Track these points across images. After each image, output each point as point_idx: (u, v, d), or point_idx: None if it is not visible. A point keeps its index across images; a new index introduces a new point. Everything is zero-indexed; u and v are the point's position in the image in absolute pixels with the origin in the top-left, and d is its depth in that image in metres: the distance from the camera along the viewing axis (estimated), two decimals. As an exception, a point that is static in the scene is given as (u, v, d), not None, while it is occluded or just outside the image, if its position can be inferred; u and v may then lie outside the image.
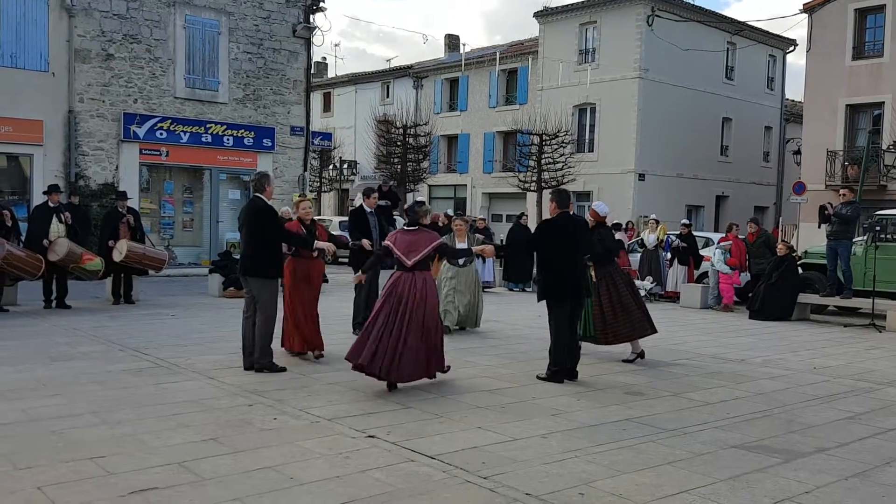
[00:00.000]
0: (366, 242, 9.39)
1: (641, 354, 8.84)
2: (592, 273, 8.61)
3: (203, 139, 19.68)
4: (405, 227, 7.30)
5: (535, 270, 9.21)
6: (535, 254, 8.02)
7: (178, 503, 4.11)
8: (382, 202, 11.31)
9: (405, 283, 6.97)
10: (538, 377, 7.60)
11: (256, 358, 7.57)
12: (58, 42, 17.81)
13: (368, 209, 10.18)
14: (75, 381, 6.90)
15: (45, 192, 12.55)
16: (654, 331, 8.93)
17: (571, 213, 7.92)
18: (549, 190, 8.20)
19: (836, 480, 4.84)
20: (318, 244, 8.06)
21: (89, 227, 13.93)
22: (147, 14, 18.85)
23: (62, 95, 17.92)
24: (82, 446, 5.01)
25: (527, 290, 17.57)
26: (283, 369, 7.57)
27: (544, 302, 7.69)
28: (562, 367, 7.52)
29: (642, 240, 17.84)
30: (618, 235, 17.76)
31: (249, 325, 7.64)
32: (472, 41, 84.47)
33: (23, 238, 12.23)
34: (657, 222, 17.80)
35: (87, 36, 18.08)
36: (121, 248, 12.37)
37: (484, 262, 17.17)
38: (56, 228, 11.94)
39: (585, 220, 8.43)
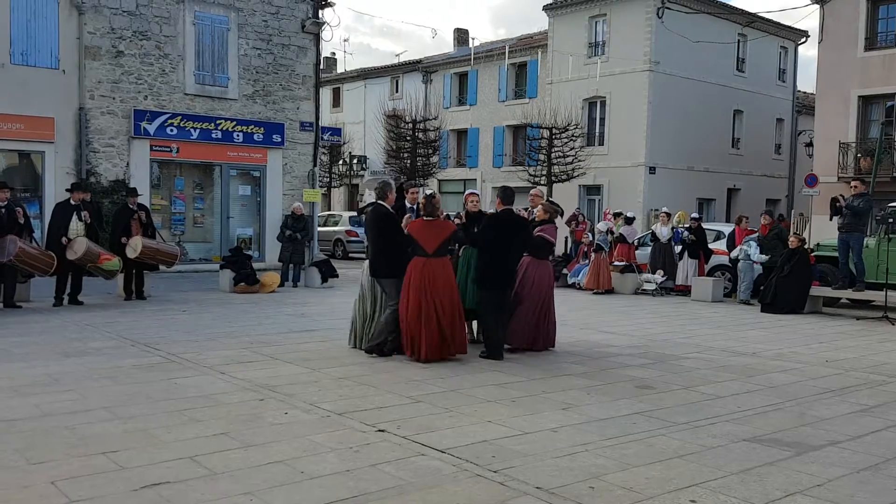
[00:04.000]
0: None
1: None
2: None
3: (213, 135, 19.72)
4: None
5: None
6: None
7: (190, 497, 4.13)
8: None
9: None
10: (481, 355, 8.24)
11: (372, 339, 8.24)
12: (68, 39, 17.87)
13: (409, 205, 9.84)
14: (87, 377, 6.95)
15: (67, 190, 12.61)
16: None
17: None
18: (500, 188, 8.84)
19: (848, 473, 4.82)
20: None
21: (101, 223, 14.00)
22: (156, 10, 18.89)
23: (73, 92, 17.99)
24: (95, 441, 5.04)
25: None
26: (389, 354, 8.11)
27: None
28: (500, 346, 8.29)
29: (653, 233, 17.76)
30: (622, 229, 17.70)
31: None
32: (477, 34, 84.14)
33: (35, 234, 12.29)
34: (668, 215, 17.72)
35: (97, 33, 18.13)
36: (135, 245, 12.44)
37: None
38: (76, 227, 12.01)
39: (523, 217, 8.82)
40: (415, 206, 9.89)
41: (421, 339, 7.77)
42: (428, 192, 8.24)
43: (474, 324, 9.64)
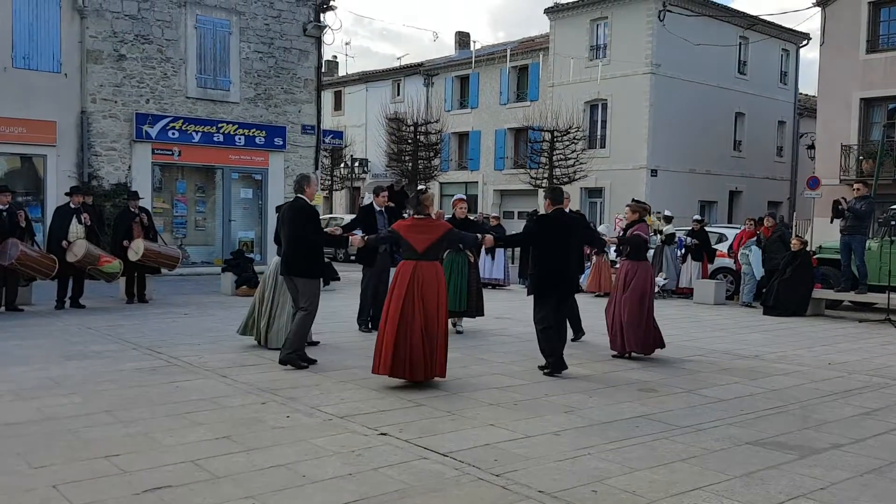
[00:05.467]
0: (355, 238, 8.61)
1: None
2: (469, 254, 10.05)
3: (215, 139, 19.74)
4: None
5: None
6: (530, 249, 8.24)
7: (192, 501, 4.13)
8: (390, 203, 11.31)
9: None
10: (540, 367, 7.80)
11: (285, 350, 7.69)
12: (70, 43, 17.90)
13: (378, 207, 10.27)
14: (89, 380, 6.94)
15: (66, 194, 12.62)
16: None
17: (567, 209, 8.13)
18: (547, 188, 8.46)
19: (851, 477, 4.81)
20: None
21: (102, 226, 14.01)
22: (158, 14, 18.91)
23: (75, 96, 18.01)
24: (97, 445, 5.03)
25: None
26: (306, 366, 7.66)
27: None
28: (559, 356, 7.69)
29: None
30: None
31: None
32: (476, 37, 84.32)
33: (37, 238, 12.30)
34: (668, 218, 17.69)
35: (98, 37, 18.16)
36: (136, 248, 12.44)
37: (493, 258, 17.19)
38: (75, 230, 12.02)
39: (580, 216, 8.61)
40: (383, 209, 10.14)
41: (397, 354, 6.74)
42: (420, 188, 7.97)
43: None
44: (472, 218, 11.05)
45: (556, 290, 7.72)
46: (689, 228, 16.98)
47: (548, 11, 32.23)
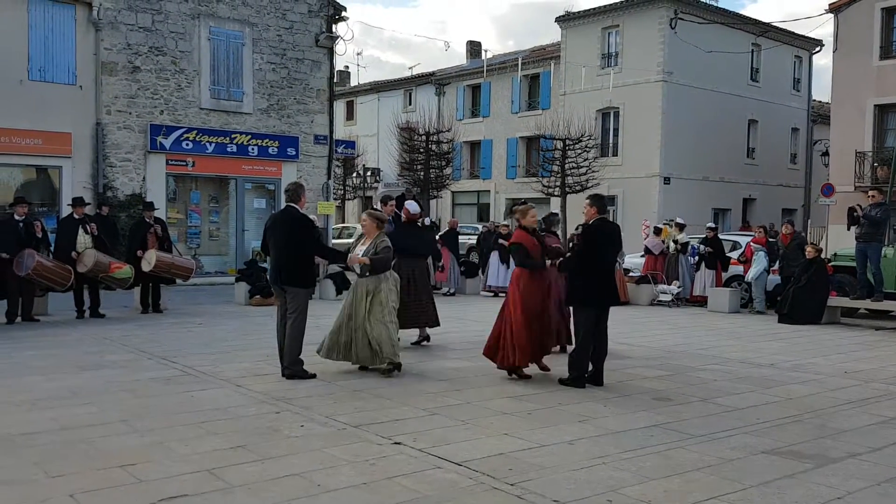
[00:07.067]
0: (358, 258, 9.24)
1: (427, 338, 9.86)
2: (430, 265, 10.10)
3: (228, 149, 19.88)
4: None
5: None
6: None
7: (207, 510, 4.14)
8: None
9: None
10: (560, 381, 7.61)
11: (287, 365, 7.64)
12: (85, 55, 18.09)
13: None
14: (105, 390, 6.98)
15: (70, 205, 12.74)
16: (437, 324, 9.75)
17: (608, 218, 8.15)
18: (589, 194, 8.39)
19: (869, 486, 4.76)
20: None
21: (117, 237, 14.10)
22: (172, 26, 19.09)
23: (90, 108, 18.19)
24: (113, 454, 5.06)
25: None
26: (313, 375, 7.62)
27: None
28: (583, 373, 7.53)
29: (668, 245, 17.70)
30: (647, 241, 17.65)
31: (284, 332, 7.72)
32: (485, 46, 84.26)
33: (52, 248, 12.41)
34: (658, 230, 17.78)
35: (113, 49, 18.35)
36: (149, 259, 12.51)
37: (508, 266, 17.17)
38: (83, 240, 12.10)
39: (618, 225, 8.51)
40: (391, 217, 10.21)
41: (533, 345, 7.72)
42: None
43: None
44: (422, 223, 11.30)
45: (598, 300, 7.56)
46: (703, 236, 16.91)
47: (559, 20, 32.29)
